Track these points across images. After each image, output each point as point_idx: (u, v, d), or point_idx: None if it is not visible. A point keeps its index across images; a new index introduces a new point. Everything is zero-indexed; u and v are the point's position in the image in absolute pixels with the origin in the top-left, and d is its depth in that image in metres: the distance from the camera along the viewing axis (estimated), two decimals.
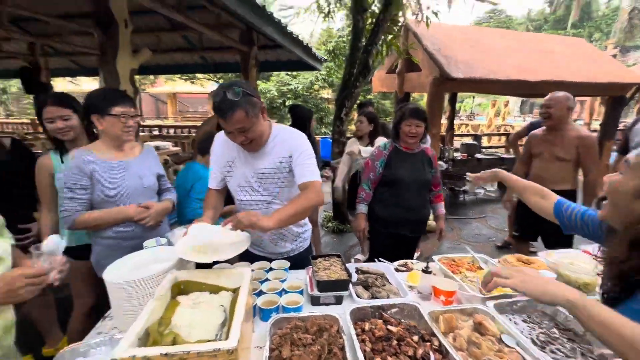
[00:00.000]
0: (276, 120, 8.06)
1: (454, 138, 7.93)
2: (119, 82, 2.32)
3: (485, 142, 9.71)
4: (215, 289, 1.06)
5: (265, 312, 1.17)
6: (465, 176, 6.02)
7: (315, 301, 1.28)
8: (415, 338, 1.00)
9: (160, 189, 1.65)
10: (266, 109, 1.35)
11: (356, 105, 4.23)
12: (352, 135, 3.70)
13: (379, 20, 3.67)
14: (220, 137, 1.45)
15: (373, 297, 1.30)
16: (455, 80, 4.51)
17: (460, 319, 1.16)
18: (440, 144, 6.24)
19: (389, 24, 3.81)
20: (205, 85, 15.42)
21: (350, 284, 1.30)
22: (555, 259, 1.51)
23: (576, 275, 1.34)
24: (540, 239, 2.60)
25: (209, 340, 0.79)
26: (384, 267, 1.55)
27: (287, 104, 10.62)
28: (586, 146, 2.33)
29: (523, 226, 2.72)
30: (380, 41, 3.86)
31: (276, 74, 12.13)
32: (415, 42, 4.94)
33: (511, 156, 6.14)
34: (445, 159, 5.88)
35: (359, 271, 1.50)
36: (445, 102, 6.96)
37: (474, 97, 26.42)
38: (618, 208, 0.84)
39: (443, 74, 4.49)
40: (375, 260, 1.63)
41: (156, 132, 8.70)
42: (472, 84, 4.85)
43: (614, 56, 10.20)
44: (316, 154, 1.70)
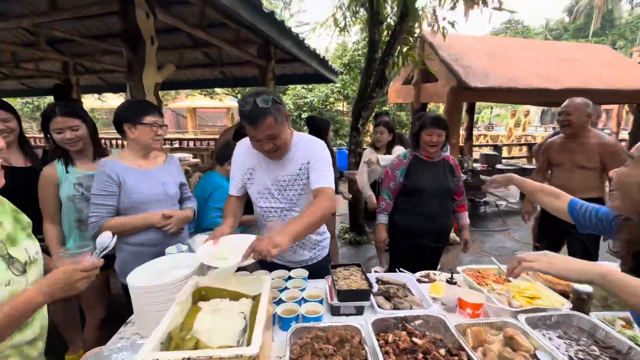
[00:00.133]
0: None
1: (473, 149, 7.77)
2: (145, 95, 2.42)
3: (505, 153, 9.46)
4: (235, 296, 1.05)
5: (284, 321, 1.14)
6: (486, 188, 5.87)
7: (335, 311, 1.25)
8: (442, 352, 0.95)
9: (181, 197, 1.68)
10: (290, 116, 1.37)
11: (372, 115, 4.23)
12: (367, 146, 3.69)
13: (395, 32, 3.70)
14: (241, 145, 1.48)
15: (395, 308, 1.26)
16: (474, 89, 4.45)
17: (490, 333, 1.10)
18: (459, 155, 6.12)
19: (405, 35, 3.84)
20: (224, 99, 15.90)
21: (371, 294, 1.26)
22: None
23: None
24: (566, 252, 2.47)
25: (230, 346, 0.78)
26: (405, 277, 1.50)
27: (302, 116, 10.76)
28: (610, 153, 2.22)
29: (545, 238, 2.60)
30: (396, 52, 3.88)
31: (292, 87, 12.36)
32: (431, 53, 4.93)
33: (533, 166, 5.93)
34: (464, 170, 5.75)
35: (379, 281, 1.46)
36: (463, 112, 6.86)
37: (492, 107, 25.96)
38: (629, 198, 0.89)
39: (461, 83, 4.44)
40: (396, 270, 1.59)
41: (177, 145, 8.98)
42: (491, 93, 4.77)
43: None
44: (333, 165, 1.69)
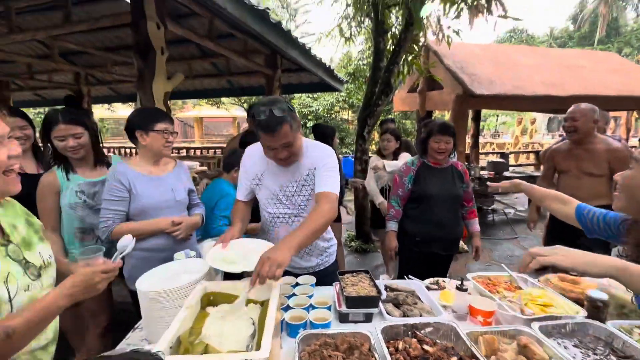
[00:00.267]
0: None
1: (479, 156, 7.72)
2: (154, 104, 2.46)
3: (512, 161, 9.38)
4: (245, 301, 1.05)
5: (292, 327, 1.13)
6: (492, 195, 5.81)
7: (343, 318, 1.23)
8: (454, 359, 0.93)
9: (190, 203, 1.69)
10: (300, 123, 1.39)
11: (378, 123, 4.24)
12: (372, 154, 3.69)
13: (400, 41, 3.74)
14: (250, 151, 1.49)
15: (404, 315, 1.24)
16: (479, 97, 4.45)
17: (502, 341, 1.07)
18: (465, 162, 6.09)
19: (410, 44, 3.87)
20: (230, 109, 16.10)
21: (380, 301, 1.24)
22: (605, 279, 1.38)
23: None
24: None
25: (239, 351, 0.77)
26: (414, 284, 1.48)
27: (308, 125, 10.84)
28: (619, 159, 2.16)
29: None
30: (401, 61, 3.91)
31: (297, 96, 12.49)
32: (436, 61, 4.96)
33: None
34: (471, 177, 5.70)
35: (387, 288, 1.44)
36: (469, 120, 6.85)
37: (497, 115, 25.85)
38: (635, 200, 0.91)
39: (466, 91, 4.45)
40: (405, 277, 1.57)
41: (183, 153, 9.09)
42: (497, 101, 4.76)
43: None
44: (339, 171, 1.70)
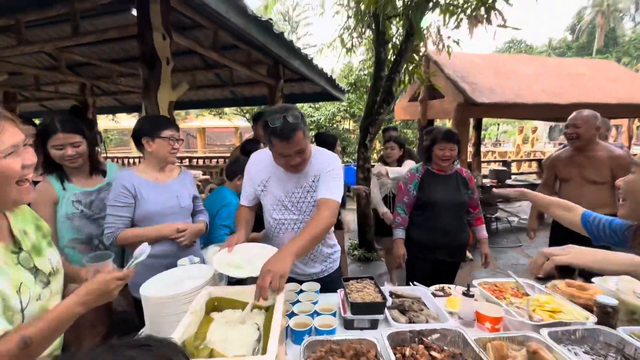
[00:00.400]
0: None
1: (481, 165, 7.72)
2: (159, 113, 2.50)
3: (514, 169, 9.36)
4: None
5: (297, 334, 1.12)
6: (496, 204, 5.78)
7: (348, 325, 1.22)
8: None
9: (194, 210, 1.70)
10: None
11: (380, 131, 4.27)
12: (375, 163, 3.69)
13: (401, 51, 3.79)
14: (255, 157, 1.50)
15: (410, 321, 1.22)
16: (480, 105, 4.48)
17: (511, 347, 1.05)
18: (467, 170, 6.08)
19: (410, 53, 3.93)
20: (233, 119, 16.25)
21: (385, 307, 1.23)
22: (613, 284, 1.36)
23: None
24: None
25: (245, 356, 0.77)
26: (420, 291, 1.46)
27: (310, 134, 10.94)
28: (622, 166, 2.12)
29: None
30: (402, 70, 3.96)
31: (299, 106, 12.58)
32: (437, 70, 5.02)
33: None
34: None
35: (393, 295, 1.43)
36: (470, 128, 6.88)
37: (498, 124, 25.95)
38: (638, 204, 0.90)
39: (467, 99, 4.48)
40: (410, 284, 1.55)
41: (186, 163, 9.14)
42: (498, 109, 4.79)
43: None
44: None
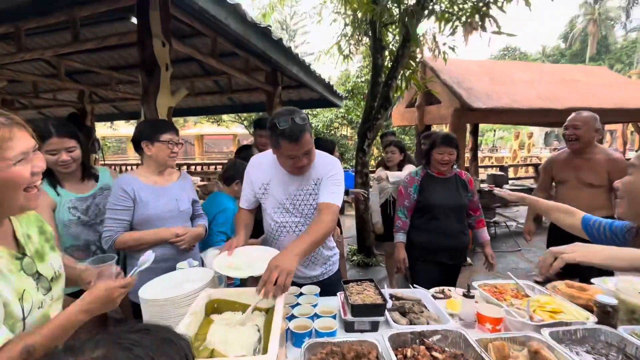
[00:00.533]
0: None
1: (479, 170, 7.76)
2: (158, 118, 2.51)
3: (510, 174, 9.41)
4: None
5: (297, 336, 1.11)
6: (494, 208, 5.79)
7: (349, 327, 1.21)
8: None
9: (193, 214, 1.69)
10: None
11: (378, 136, 4.29)
12: (375, 167, 3.71)
13: (397, 57, 3.84)
14: (255, 161, 1.51)
15: (411, 323, 1.21)
16: (477, 110, 4.53)
17: (512, 348, 1.05)
18: (467, 173, 6.11)
19: (407, 59, 3.98)
20: (231, 126, 16.31)
21: (386, 309, 1.22)
22: (612, 285, 1.36)
23: None
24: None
25: (246, 356, 0.76)
26: (420, 293, 1.46)
27: None
28: (620, 170, 2.10)
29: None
30: (399, 76, 4.00)
31: None
32: (433, 76, 5.08)
33: None
34: None
35: (393, 297, 1.42)
36: (467, 134, 6.93)
37: (495, 130, 26.19)
38: (636, 204, 0.92)
39: (464, 104, 4.53)
40: (410, 286, 1.54)
41: (184, 170, 9.14)
42: (495, 114, 4.84)
43: None
44: None
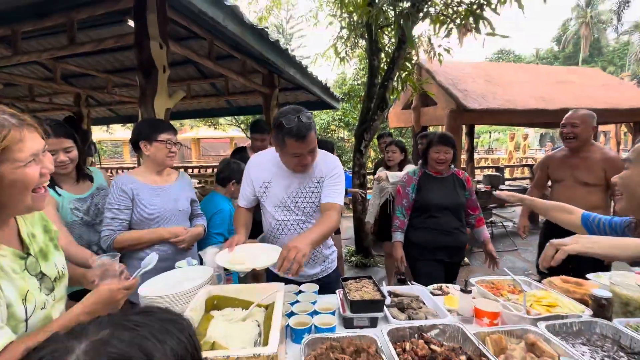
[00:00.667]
0: None
1: (475, 171, 7.80)
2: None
3: (506, 175, 9.47)
4: (248, 305, 1.04)
5: (297, 332, 1.11)
6: (491, 208, 5.83)
7: (348, 323, 1.21)
8: (463, 358, 0.92)
9: (192, 214, 1.70)
10: None
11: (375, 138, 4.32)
12: (371, 170, 3.72)
13: (393, 59, 3.88)
14: (255, 160, 1.52)
15: (410, 318, 1.22)
16: (473, 111, 4.57)
17: (509, 341, 1.06)
18: (464, 172, 6.16)
19: (402, 61, 4.02)
20: (227, 129, 16.30)
21: (384, 305, 1.23)
22: (607, 280, 1.38)
23: (638, 294, 1.21)
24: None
25: (246, 348, 0.76)
26: (418, 290, 1.47)
27: None
28: (615, 168, 2.05)
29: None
30: (395, 77, 4.04)
31: None
32: (429, 78, 5.13)
33: None
34: None
35: (391, 294, 1.43)
36: (463, 135, 6.98)
37: (490, 132, 26.40)
38: (635, 198, 0.93)
39: (459, 105, 4.57)
40: (408, 283, 1.55)
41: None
42: (491, 115, 4.89)
43: None
44: None
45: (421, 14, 3.54)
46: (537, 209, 1.45)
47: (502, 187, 6.16)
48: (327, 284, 1.49)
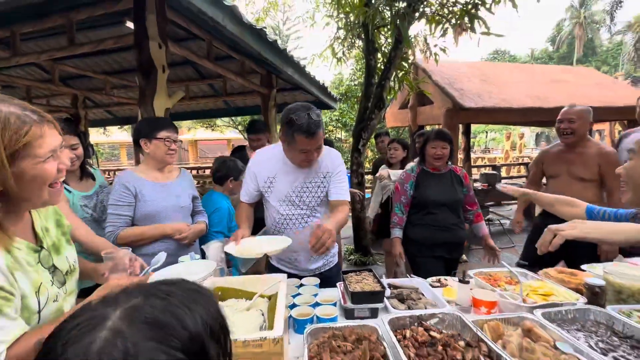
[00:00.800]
0: None
1: (472, 170, 7.87)
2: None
3: (503, 173, 9.55)
4: (251, 296, 1.06)
5: (300, 323, 1.14)
6: (487, 206, 5.87)
7: (349, 314, 1.24)
8: (462, 343, 0.95)
9: (194, 210, 1.71)
10: None
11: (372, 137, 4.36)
12: (372, 167, 3.74)
13: (390, 58, 3.92)
14: (259, 156, 1.54)
15: (409, 309, 1.25)
16: (469, 110, 4.62)
17: (507, 329, 1.09)
18: (462, 168, 6.21)
19: (399, 61, 4.06)
20: (225, 131, 16.28)
21: (384, 296, 1.26)
22: (601, 270, 1.42)
23: (630, 282, 1.25)
24: (564, 263, 2.24)
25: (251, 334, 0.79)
26: (417, 282, 1.50)
27: None
28: (610, 163, 2.04)
29: (540, 256, 2.46)
30: (392, 77, 4.08)
31: None
32: (425, 77, 5.18)
33: None
34: None
35: (391, 286, 1.45)
36: (460, 134, 7.03)
37: (487, 132, 26.56)
38: (638, 189, 0.93)
39: (456, 104, 4.62)
40: (408, 276, 1.58)
41: None
42: (487, 113, 4.94)
43: None
44: None
45: (417, 14, 3.58)
46: (541, 203, 1.44)
47: (498, 186, 6.23)
48: (329, 278, 1.51)
